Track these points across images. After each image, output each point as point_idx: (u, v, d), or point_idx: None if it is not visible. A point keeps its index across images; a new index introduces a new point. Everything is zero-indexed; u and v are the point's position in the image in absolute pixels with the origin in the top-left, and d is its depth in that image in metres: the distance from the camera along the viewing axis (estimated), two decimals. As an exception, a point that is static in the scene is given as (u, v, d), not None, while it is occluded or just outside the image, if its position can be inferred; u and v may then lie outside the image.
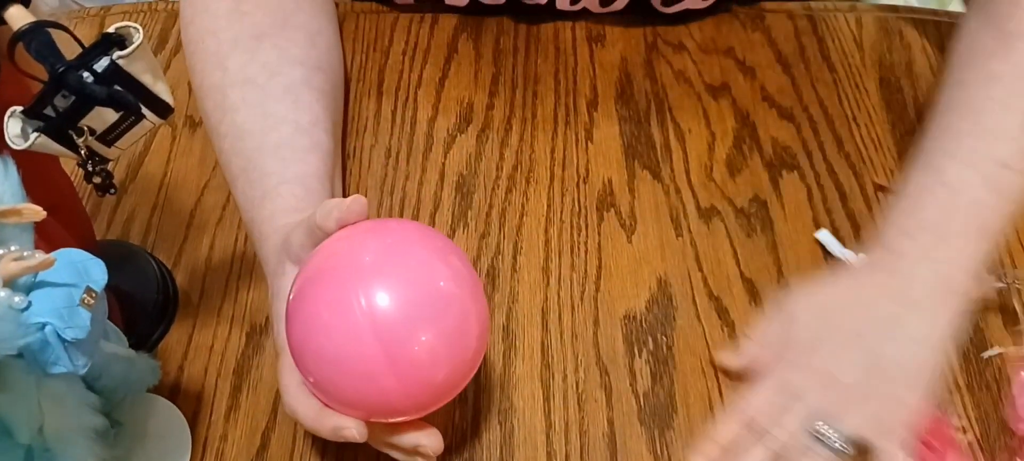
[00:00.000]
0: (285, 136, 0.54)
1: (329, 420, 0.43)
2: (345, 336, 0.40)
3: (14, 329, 0.35)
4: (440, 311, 0.42)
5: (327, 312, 0.41)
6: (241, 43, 0.56)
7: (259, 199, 0.52)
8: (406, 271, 0.42)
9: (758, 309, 0.56)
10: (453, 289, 0.42)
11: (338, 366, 0.41)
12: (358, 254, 0.42)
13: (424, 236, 0.44)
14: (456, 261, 0.44)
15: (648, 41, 0.70)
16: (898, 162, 0.63)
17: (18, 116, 0.38)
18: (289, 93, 0.55)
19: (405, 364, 0.41)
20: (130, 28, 0.38)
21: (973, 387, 0.53)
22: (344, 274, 0.41)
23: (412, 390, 0.42)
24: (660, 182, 0.62)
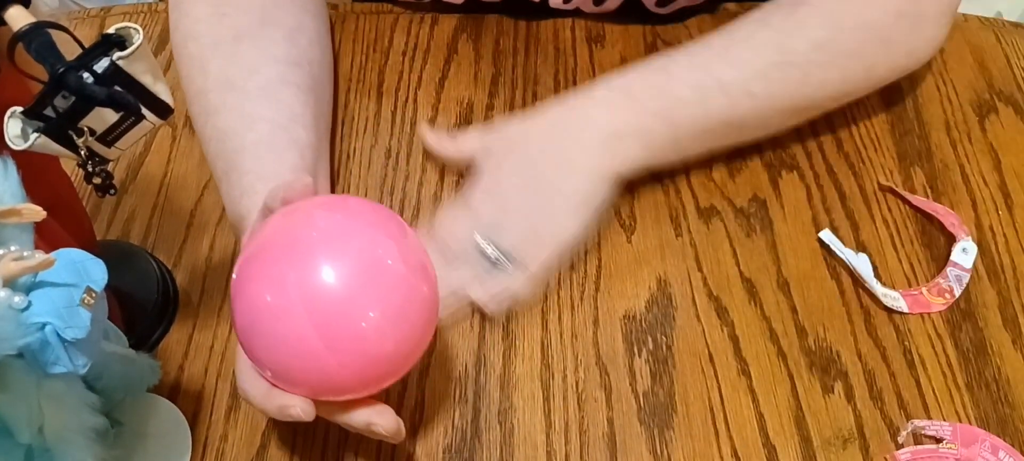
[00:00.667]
0: (262, 134, 0.54)
1: (276, 399, 0.43)
2: (279, 315, 0.40)
3: (14, 329, 0.35)
4: (381, 288, 0.41)
5: (263, 291, 0.40)
6: (221, 46, 0.56)
7: (238, 198, 0.52)
8: (345, 248, 0.41)
9: (757, 309, 0.56)
10: (397, 267, 0.41)
11: (277, 346, 0.40)
12: (296, 231, 0.41)
13: (370, 213, 0.43)
14: (403, 239, 0.43)
15: (647, 41, 0.70)
16: (897, 162, 0.63)
17: (18, 116, 0.38)
18: (265, 92, 0.55)
19: (343, 342, 0.40)
20: (130, 29, 0.38)
21: (972, 387, 0.53)
22: (279, 252, 0.41)
23: (352, 368, 0.41)
24: (659, 182, 0.62)
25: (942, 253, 0.58)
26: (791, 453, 0.50)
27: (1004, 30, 0.71)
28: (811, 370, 0.53)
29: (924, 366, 0.54)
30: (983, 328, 0.55)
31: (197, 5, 0.58)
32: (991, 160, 0.63)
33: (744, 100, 0.56)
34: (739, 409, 0.52)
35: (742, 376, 0.53)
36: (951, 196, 0.61)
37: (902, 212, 0.60)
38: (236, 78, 0.55)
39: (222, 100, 0.55)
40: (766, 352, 0.54)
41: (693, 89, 0.56)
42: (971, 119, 0.66)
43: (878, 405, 0.52)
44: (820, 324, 0.55)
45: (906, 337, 0.55)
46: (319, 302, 0.40)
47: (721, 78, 0.56)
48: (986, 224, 0.60)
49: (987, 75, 0.68)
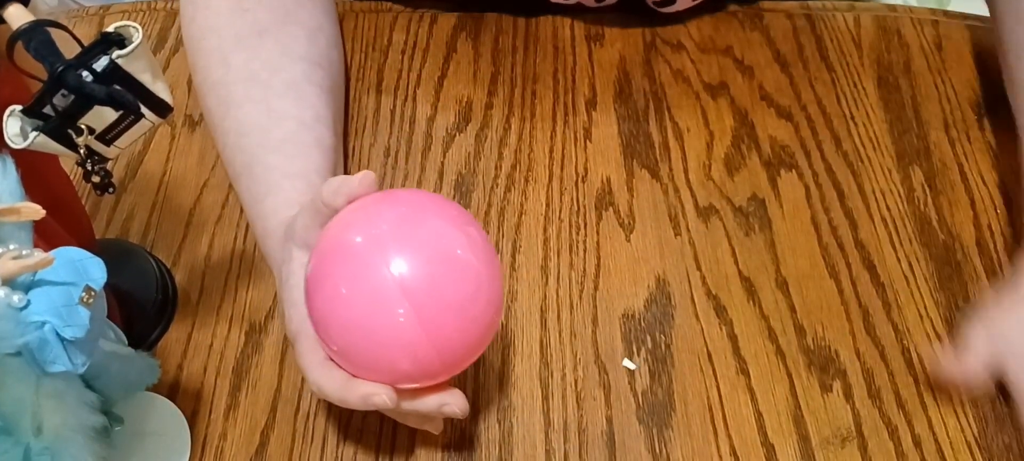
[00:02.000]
0: (289, 132, 0.54)
1: (359, 388, 0.43)
2: (373, 305, 0.40)
3: (13, 328, 0.35)
4: (465, 276, 0.42)
5: (351, 283, 0.41)
6: (243, 40, 0.56)
7: (262, 194, 0.52)
8: (425, 237, 0.42)
9: (756, 308, 0.56)
10: (469, 255, 0.42)
11: (367, 335, 0.41)
12: (375, 224, 0.42)
13: (439, 205, 0.44)
14: (470, 228, 0.44)
15: (647, 40, 0.70)
16: (896, 161, 0.63)
17: (17, 115, 0.38)
18: (292, 89, 0.55)
19: (434, 328, 0.41)
20: (129, 27, 0.38)
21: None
22: (366, 244, 0.41)
23: (441, 353, 0.42)
24: (658, 181, 0.62)
25: (940, 253, 0.58)
26: (790, 452, 0.50)
27: (1003, 29, 0.71)
28: (810, 369, 0.54)
29: (923, 365, 0.54)
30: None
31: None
32: (990, 159, 0.63)
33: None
34: (738, 408, 0.52)
35: (741, 375, 0.53)
36: (950, 195, 0.61)
37: (901, 211, 0.60)
38: (260, 72, 0.55)
39: (246, 93, 0.55)
40: (765, 351, 0.54)
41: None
42: (970, 118, 0.66)
43: (876, 404, 0.52)
44: (819, 323, 0.55)
45: (904, 336, 0.55)
46: (415, 290, 0.40)
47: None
48: (984, 223, 0.60)
49: (986, 74, 0.68)
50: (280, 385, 0.53)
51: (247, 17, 0.57)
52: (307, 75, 0.57)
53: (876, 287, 0.57)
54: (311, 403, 0.52)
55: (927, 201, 0.61)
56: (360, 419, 0.51)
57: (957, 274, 0.58)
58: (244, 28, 0.56)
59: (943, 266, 0.58)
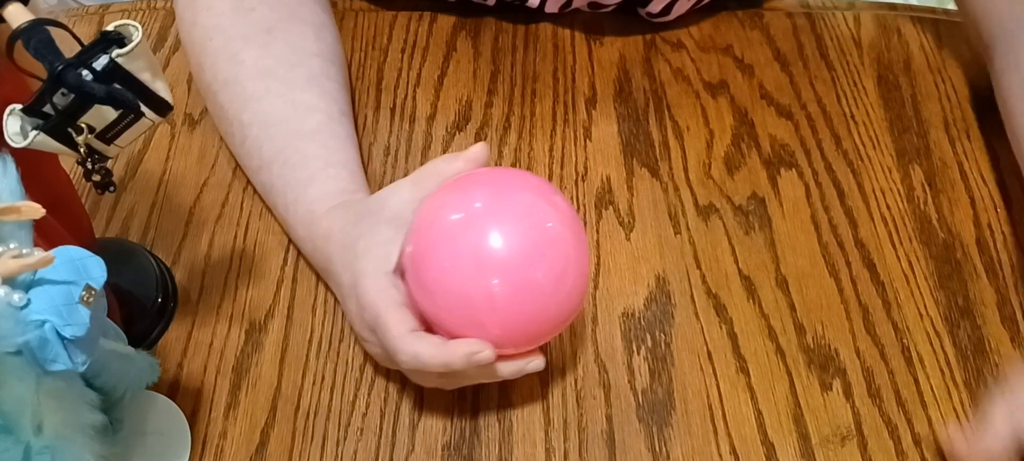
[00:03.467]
0: (320, 123, 0.55)
1: (460, 347, 0.44)
2: (471, 277, 0.44)
3: (13, 326, 0.35)
4: (550, 249, 0.45)
5: (451, 258, 0.44)
6: (252, 38, 0.57)
7: (303, 181, 0.53)
8: (518, 213, 0.45)
9: (756, 306, 0.56)
10: (559, 228, 0.45)
11: (466, 305, 0.44)
12: (470, 202, 0.45)
13: (526, 179, 0.47)
14: (558, 198, 0.46)
15: (646, 39, 0.70)
16: (896, 160, 0.63)
17: (17, 114, 0.38)
18: (313, 83, 0.56)
19: (525, 299, 0.44)
20: (129, 26, 0.38)
21: (971, 384, 0.53)
22: (463, 222, 0.44)
23: (530, 323, 0.45)
24: (658, 180, 0.62)
25: (940, 252, 0.58)
26: (789, 451, 0.50)
27: (1003, 28, 0.71)
28: (809, 368, 0.54)
29: (922, 364, 0.54)
30: (982, 326, 0.55)
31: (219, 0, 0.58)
32: (990, 158, 0.63)
33: None
34: (737, 407, 0.52)
35: (740, 374, 0.53)
36: (949, 194, 0.61)
37: (900, 210, 0.60)
38: (276, 68, 0.56)
39: (264, 87, 0.56)
40: (764, 350, 0.54)
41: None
42: (970, 117, 0.66)
43: (876, 403, 0.52)
44: (818, 322, 0.55)
45: (904, 335, 0.55)
46: (504, 265, 0.44)
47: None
48: (984, 222, 0.60)
49: (986, 73, 0.68)
50: (280, 384, 0.53)
51: (252, 16, 0.57)
52: (324, 71, 0.58)
53: (876, 286, 0.57)
54: (311, 402, 0.52)
55: (927, 200, 0.61)
56: (360, 419, 0.51)
57: (957, 273, 0.58)
58: (250, 27, 0.57)
59: (943, 265, 0.58)
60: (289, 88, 0.56)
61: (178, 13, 0.60)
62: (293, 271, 0.57)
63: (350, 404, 0.52)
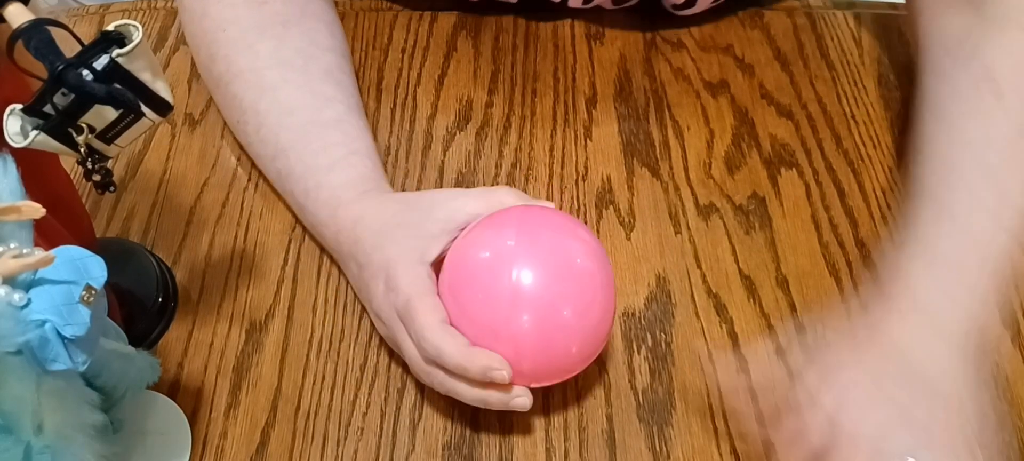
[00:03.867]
0: (340, 113, 0.56)
1: (480, 358, 0.45)
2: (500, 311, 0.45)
3: (13, 326, 0.35)
4: (578, 287, 0.47)
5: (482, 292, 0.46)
6: (267, 30, 0.57)
7: (325, 167, 0.54)
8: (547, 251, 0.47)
9: (756, 306, 0.56)
10: (598, 271, 0.47)
11: (494, 337, 0.46)
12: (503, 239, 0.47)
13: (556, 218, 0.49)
14: (587, 237, 0.48)
15: (647, 39, 0.70)
16: (896, 160, 0.63)
17: (17, 114, 0.38)
18: (330, 76, 0.58)
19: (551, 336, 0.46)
20: (129, 26, 0.38)
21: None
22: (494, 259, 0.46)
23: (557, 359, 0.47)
24: (659, 179, 0.62)
25: (941, 250, 0.58)
26: (790, 450, 0.50)
27: (1003, 27, 0.71)
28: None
29: (923, 363, 0.54)
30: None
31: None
32: (990, 157, 0.63)
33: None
34: (737, 406, 0.52)
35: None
36: (950, 193, 0.61)
37: (901, 210, 0.60)
38: (293, 60, 0.57)
39: (282, 76, 0.56)
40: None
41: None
42: (970, 116, 0.66)
43: (877, 402, 0.52)
44: (819, 321, 0.55)
45: (905, 334, 0.55)
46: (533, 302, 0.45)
47: None
48: (985, 221, 0.60)
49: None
50: (280, 384, 0.53)
51: (265, 9, 0.58)
52: (338, 65, 0.59)
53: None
54: (311, 402, 0.52)
55: (927, 199, 0.61)
56: (360, 418, 0.51)
57: (957, 272, 0.58)
58: (265, 19, 0.57)
59: (943, 264, 0.58)
60: (307, 79, 0.57)
61: (185, 5, 0.60)
62: (293, 271, 0.57)
63: (350, 404, 0.52)
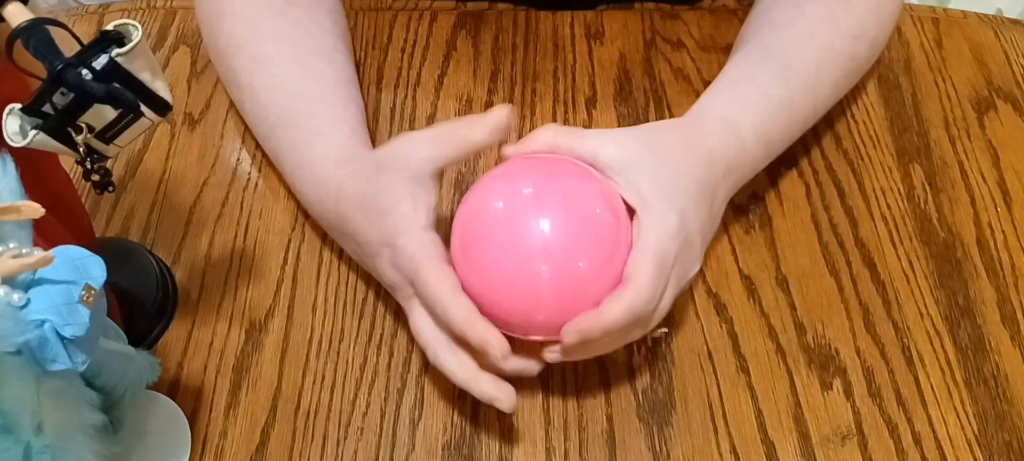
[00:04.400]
0: (327, 86, 0.56)
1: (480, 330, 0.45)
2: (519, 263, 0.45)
3: (13, 326, 0.35)
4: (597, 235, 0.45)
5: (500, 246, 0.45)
6: (274, 4, 0.58)
7: (307, 139, 0.54)
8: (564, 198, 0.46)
9: (756, 306, 0.56)
10: (610, 215, 0.46)
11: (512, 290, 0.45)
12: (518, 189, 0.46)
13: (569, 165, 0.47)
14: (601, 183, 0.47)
15: (647, 38, 0.70)
16: (896, 159, 0.63)
17: (17, 113, 0.38)
18: (324, 52, 0.58)
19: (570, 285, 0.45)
20: (129, 25, 0.38)
21: (971, 383, 0.53)
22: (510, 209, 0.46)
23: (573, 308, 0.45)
24: (659, 179, 0.62)
25: (940, 251, 0.58)
26: (790, 450, 0.50)
27: (1003, 27, 0.71)
28: (810, 367, 0.54)
29: (923, 363, 0.54)
30: (982, 325, 0.55)
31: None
32: (990, 157, 0.63)
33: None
34: (738, 406, 0.52)
35: (741, 373, 0.53)
36: (950, 193, 0.61)
37: (901, 209, 0.60)
38: (292, 34, 0.57)
39: (277, 50, 0.57)
40: (765, 349, 0.54)
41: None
42: (970, 116, 0.66)
43: (876, 402, 0.52)
44: (819, 321, 0.55)
45: (905, 334, 0.55)
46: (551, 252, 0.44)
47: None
48: (985, 221, 0.60)
49: (986, 72, 0.68)
50: (280, 383, 0.53)
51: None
52: (335, 46, 0.59)
53: (876, 285, 0.57)
54: (311, 402, 0.52)
55: (927, 199, 0.61)
56: (360, 418, 0.51)
57: (957, 272, 0.58)
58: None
59: (943, 264, 0.58)
60: (300, 53, 0.57)
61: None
62: (293, 271, 0.57)
63: (350, 403, 0.52)
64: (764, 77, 0.55)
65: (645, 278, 0.45)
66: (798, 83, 0.55)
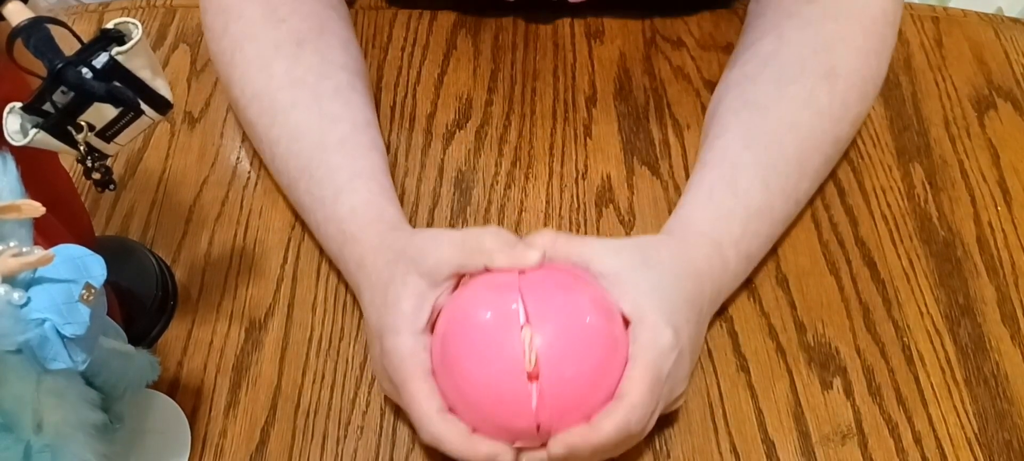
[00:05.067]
0: (345, 133, 0.54)
1: (482, 447, 0.43)
2: (504, 378, 0.43)
3: (13, 325, 0.35)
4: (587, 350, 0.44)
5: (483, 361, 0.43)
6: (283, 48, 0.56)
7: (331, 196, 0.52)
8: (555, 311, 0.44)
9: (756, 305, 0.56)
10: (606, 327, 0.45)
11: (497, 404, 0.44)
12: (506, 300, 0.44)
13: (562, 275, 0.46)
14: (595, 290, 0.46)
15: (647, 37, 0.70)
16: (896, 158, 0.63)
17: (17, 112, 0.38)
18: (340, 94, 0.56)
19: (559, 401, 0.43)
20: (129, 24, 0.38)
21: (971, 382, 0.53)
22: (497, 321, 0.44)
23: (561, 422, 0.43)
24: (659, 178, 0.62)
25: (941, 250, 0.58)
26: (790, 449, 0.50)
27: (1003, 26, 0.71)
28: (810, 366, 0.54)
29: (923, 362, 0.54)
30: (982, 324, 0.55)
31: (250, 7, 0.57)
32: (990, 156, 0.63)
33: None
34: (738, 405, 0.52)
35: (741, 372, 0.53)
36: (950, 192, 0.61)
37: (901, 208, 0.60)
38: (306, 78, 0.55)
39: (293, 98, 0.55)
40: (765, 348, 0.54)
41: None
42: (970, 115, 0.66)
43: (877, 401, 0.52)
44: (819, 320, 0.55)
45: (905, 333, 0.55)
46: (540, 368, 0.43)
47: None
48: (985, 220, 0.60)
49: (986, 71, 0.68)
50: (280, 382, 0.53)
51: (283, 27, 0.57)
52: (351, 84, 0.57)
53: (876, 284, 0.57)
54: (311, 401, 0.52)
55: (927, 198, 0.61)
56: (360, 417, 0.51)
57: (957, 271, 0.58)
58: (282, 37, 0.56)
59: (943, 263, 0.58)
60: (317, 99, 0.55)
61: (207, 23, 0.59)
62: (293, 270, 0.57)
63: (350, 402, 0.52)
64: (744, 181, 0.53)
65: (639, 395, 0.43)
66: (778, 184, 0.53)
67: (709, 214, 0.52)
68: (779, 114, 0.54)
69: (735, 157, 0.54)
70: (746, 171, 0.53)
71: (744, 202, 0.52)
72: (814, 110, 0.54)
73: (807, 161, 0.55)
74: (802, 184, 0.55)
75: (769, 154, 0.53)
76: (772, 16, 0.59)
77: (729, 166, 0.53)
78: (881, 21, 0.57)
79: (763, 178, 0.53)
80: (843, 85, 0.55)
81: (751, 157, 0.53)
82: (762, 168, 0.53)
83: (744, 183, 0.52)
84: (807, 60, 0.55)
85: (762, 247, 0.54)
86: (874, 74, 0.57)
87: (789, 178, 0.54)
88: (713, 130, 0.56)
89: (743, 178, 0.53)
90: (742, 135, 0.54)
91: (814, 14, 0.56)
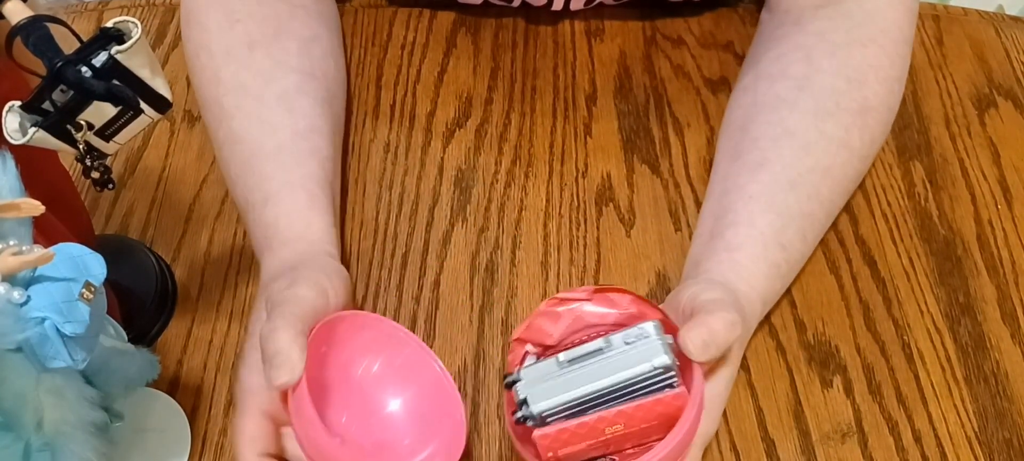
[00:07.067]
0: (283, 141, 0.54)
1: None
2: None
3: (13, 324, 0.35)
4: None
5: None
6: (233, 53, 0.56)
7: (260, 203, 0.52)
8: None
9: (757, 303, 0.56)
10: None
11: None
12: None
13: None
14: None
15: (647, 35, 0.70)
16: (897, 156, 0.63)
17: (16, 111, 0.38)
18: (283, 100, 0.55)
19: None
20: (128, 23, 0.38)
21: (971, 381, 0.53)
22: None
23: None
24: (659, 176, 0.62)
25: (941, 248, 0.58)
26: (790, 447, 0.50)
27: (1004, 24, 0.71)
28: (810, 364, 0.54)
29: (923, 360, 0.54)
30: (982, 322, 0.55)
31: (210, 14, 0.57)
32: (990, 154, 0.63)
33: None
34: (738, 403, 0.52)
35: (741, 371, 0.53)
36: (950, 190, 0.61)
37: (901, 207, 0.60)
38: (251, 84, 0.55)
39: (236, 104, 0.55)
40: (765, 346, 0.54)
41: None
42: (970, 113, 0.66)
43: (877, 399, 0.52)
44: (819, 318, 0.55)
45: (905, 331, 0.55)
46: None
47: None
48: (985, 218, 0.60)
49: (987, 69, 0.68)
50: (280, 381, 0.53)
51: (237, 29, 0.56)
52: (299, 86, 0.56)
53: (877, 282, 0.57)
54: (311, 399, 0.52)
55: (928, 196, 0.61)
56: (360, 415, 0.51)
57: (958, 269, 0.58)
58: (233, 41, 0.56)
59: (944, 261, 0.58)
60: (260, 106, 0.55)
61: (182, 27, 0.60)
62: (293, 268, 0.57)
63: (350, 401, 0.52)
64: (789, 233, 0.52)
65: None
66: (813, 235, 0.54)
67: (762, 269, 0.51)
68: (817, 156, 0.53)
69: (781, 204, 0.52)
70: (792, 223, 0.52)
71: (787, 256, 0.52)
72: (848, 151, 0.54)
73: (837, 206, 0.56)
74: (826, 228, 0.56)
75: (810, 204, 0.53)
76: (795, 35, 0.57)
77: (776, 214, 0.52)
78: (902, 42, 0.57)
79: (803, 231, 0.53)
80: (874, 119, 0.55)
81: (795, 203, 0.52)
82: (804, 218, 0.53)
83: (789, 234, 0.52)
84: (842, 94, 0.54)
85: (778, 295, 0.54)
86: (896, 101, 0.57)
87: (823, 228, 0.55)
88: (750, 153, 0.55)
89: (789, 230, 0.52)
90: (785, 176, 0.53)
91: (839, 38, 0.56)
